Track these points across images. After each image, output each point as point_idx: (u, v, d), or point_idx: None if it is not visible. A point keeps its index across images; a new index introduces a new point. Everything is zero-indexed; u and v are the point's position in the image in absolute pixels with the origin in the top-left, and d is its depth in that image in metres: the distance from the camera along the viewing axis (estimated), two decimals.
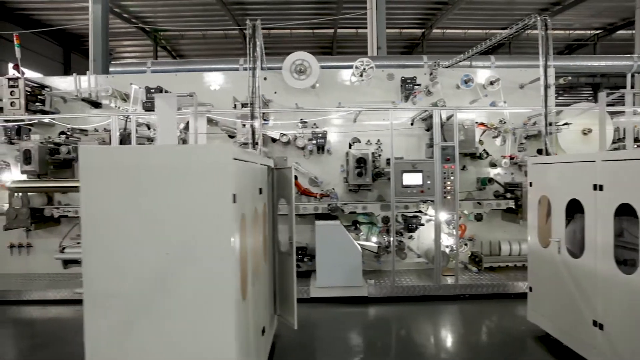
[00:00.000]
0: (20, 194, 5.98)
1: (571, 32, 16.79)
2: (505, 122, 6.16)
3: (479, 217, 6.07)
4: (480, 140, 6.32)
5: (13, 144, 6.41)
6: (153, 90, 6.09)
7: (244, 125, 5.92)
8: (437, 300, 5.53)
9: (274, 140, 6.28)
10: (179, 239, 2.38)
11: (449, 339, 4.52)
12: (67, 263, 3.10)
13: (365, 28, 15.45)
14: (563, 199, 3.77)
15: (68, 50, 18.76)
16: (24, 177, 6.41)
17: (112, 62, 12.79)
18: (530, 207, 4.20)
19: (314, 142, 6.10)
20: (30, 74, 15.70)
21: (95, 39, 9.64)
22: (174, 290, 2.38)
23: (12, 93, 6.08)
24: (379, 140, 6.44)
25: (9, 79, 6.09)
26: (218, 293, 2.38)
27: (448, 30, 16.02)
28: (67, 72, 18.50)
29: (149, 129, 6.32)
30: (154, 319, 2.38)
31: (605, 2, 13.34)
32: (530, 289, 4.29)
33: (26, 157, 5.91)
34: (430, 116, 5.98)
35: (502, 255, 6.27)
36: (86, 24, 15.56)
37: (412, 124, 6.43)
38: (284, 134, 6.18)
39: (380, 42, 9.48)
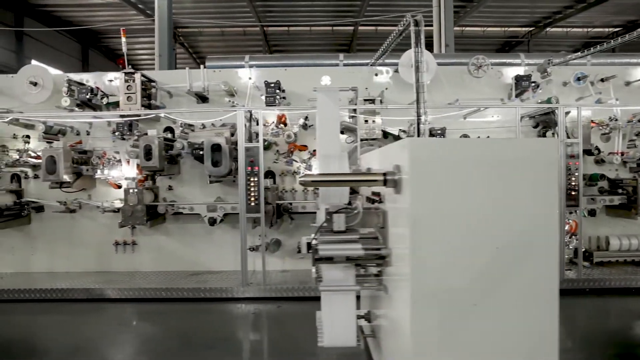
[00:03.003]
0: (134, 190, 5.90)
1: (589, 29, 17.08)
2: (617, 120, 6.26)
3: (592, 213, 6.17)
4: None
5: (125, 139, 6.28)
6: (272, 85, 6.02)
7: (366, 121, 5.91)
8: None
9: (395, 137, 6.26)
10: (509, 232, 2.37)
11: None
12: (319, 260, 3.04)
13: (387, 26, 15.82)
14: None
15: (86, 47, 18.47)
16: (133, 174, 6.34)
17: (177, 57, 12.57)
18: None
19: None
20: (47, 69, 15.41)
21: (160, 34, 9.45)
22: (502, 286, 2.37)
23: (128, 87, 5.94)
24: (488, 137, 6.48)
25: (126, 73, 5.94)
26: (546, 292, 2.37)
27: (467, 28, 16.12)
28: (84, 69, 18.16)
29: (257, 124, 6.21)
30: (480, 315, 2.37)
31: None
32: None
33: (147, 153, 5.79)
34: (546, 113, 6.06)
35: (610, 251, 6.38)
36: (108, 21, 15.41)
37: (520, 121, 6.49)
38: (404, 130, 6.18)
39: (448, 39, 9.53)
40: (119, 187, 6.44)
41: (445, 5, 9.57)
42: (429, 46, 10.06)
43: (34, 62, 15.53)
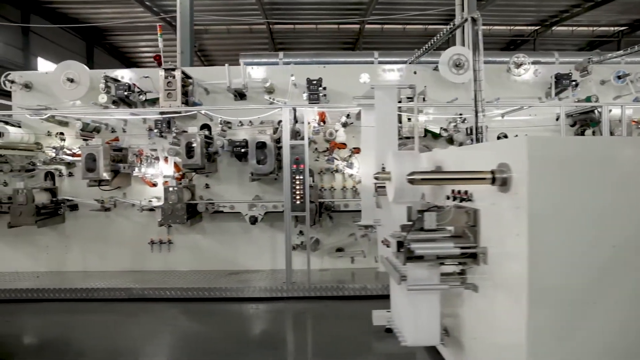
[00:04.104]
0: (175, 188, 5.83)
1: (595, 28, 17.17)
2: None
3: None
4: None
5: (163, 137, 6.20)
6: (315, 82, 5.97)
7: (410, 119, 5.87)
8: None
9: (435, 135, 6.23)
10: (625, 230, 2.35)
11: None
12: (411, 259, 3.01)
13: (393, 24, 15.83)
14: None
15: (91, 45, 18.35)
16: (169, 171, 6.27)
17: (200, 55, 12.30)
18: None
19: (472, 137, 6.08)
20: (52, 66, 15.30)
21: (182, 31, 9.33)
22: (620, 284, 2.36)
23: (168, 84, 5.86)
24: (526, 135, 6.47)
25: (165, 69, 5.86)
26: None
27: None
28: (89, 66, 17.97)
29: (295, 122, 6.16)
30: (599, 312, 2.35)
31: None
32: None
33: (189, 150, 5.73)
34: (586, 112, 6.07)
35: None
36: (113, 18, 15.28)
37: (557, 120, 6.49)
38: (445, 129, 6.16)
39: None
40: (155, 185, 6.36)
41: (469, 4, 9.54)
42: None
43: (40, 59, 15.42)
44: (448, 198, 3.31)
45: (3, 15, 13.44)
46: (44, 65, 15.34)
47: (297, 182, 5.48)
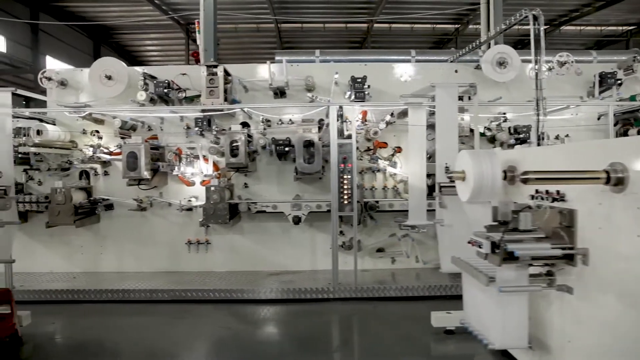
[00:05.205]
0: (217, 188, 5.73)
1: (603, 28, 17.22)
2: None
3: None
4: None
5: (202, 135, 6.10)
6: (359, 80, 5.89)
7: (462, 118, 5.80)
8: None
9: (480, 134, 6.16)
10: None
11: None
12: (507, 260, 2.93)
13: (401, 23, 15.80)
14: None
15: (98, 43, 18.24)
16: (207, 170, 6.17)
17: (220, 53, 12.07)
18: None
19: (517, 136, 6.03)
20: (60, 65, 15.21)
21: (206, 28, 9.17)
22: None
23: (210, 81, 5.75)
24: (567, 135, 6.43)
25: (208, 66, 5.75)
26: None
27: (480, 26, 16.11)
28: None
29: (343, 121, 6.07)
30: None
31: None
32: None
33: (233, 149, 5.63)
34: (630, 111, 6.03)
35: None
36: (121, 16, 15.14)
37: (598, 119, 6.46)
38: (488, 128, 6.10)
39: (497, 38, 9.43)
40: (192, 184, 6.26)
41: (495, 2, 9.49)
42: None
43: (48, 57, 15.28)
44: (533, 198, 3.24)
45: (13, 13, 13.31)
46: (52, 63, 15.23)
47: (345, 182, 5.39)
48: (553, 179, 2.63)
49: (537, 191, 3.23)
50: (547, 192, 3.11)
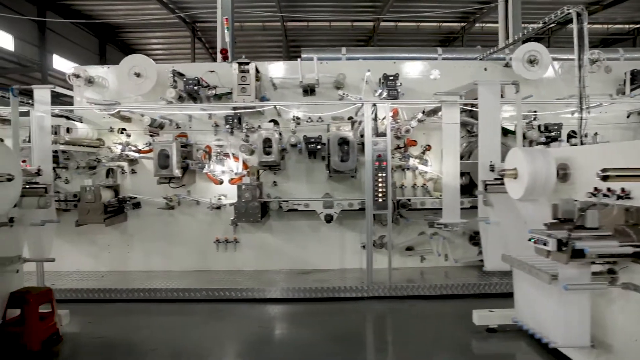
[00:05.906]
0: (249, 186, 5.69)
1: (610, 26, 17.22)
2: None
3: None
4: None
5: (231, 133, 6.06)
6: (392, 78, 5.86)
7: None
8: None
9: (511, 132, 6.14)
10: None
11: None
12: (574, 257, 2.90)
13: (407, 22, 15.76)
14: None
15: (104, 42, 18.18)
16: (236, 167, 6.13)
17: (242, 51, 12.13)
18: None
19: (548, 134, 6.01)
20: (66, 63, 15.12)
21: (223, 26, 9.12)
22: None
23: (242, 78, 5.71)
24: (596, 134, 6.41)
25: (240, 63, 5.71)
26: None
27: (487, 25, 16.09)
28: (101, 63, 17.76)
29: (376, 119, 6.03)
30: None
31: None
32: None
33: (266, 147, 5.59)
34: None
35: None
36: (127, 15, 15.06)
37: (628, 117, 6.46)
38: None
39: (515, 33, 9.41)
40: (221, 182, 6.22)
41: (514, 1, 9.47)
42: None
43: (55, 56, 15.20)
44: (594, 195, 3.22)
45: (20, 11, 13.25)
46: (59, 62, 15.18)
47: (380, 180, 5.36)
48: (633, 176, 2.60)
49: (596, 189, 3.21)
50: (609, 189, 3.08)
